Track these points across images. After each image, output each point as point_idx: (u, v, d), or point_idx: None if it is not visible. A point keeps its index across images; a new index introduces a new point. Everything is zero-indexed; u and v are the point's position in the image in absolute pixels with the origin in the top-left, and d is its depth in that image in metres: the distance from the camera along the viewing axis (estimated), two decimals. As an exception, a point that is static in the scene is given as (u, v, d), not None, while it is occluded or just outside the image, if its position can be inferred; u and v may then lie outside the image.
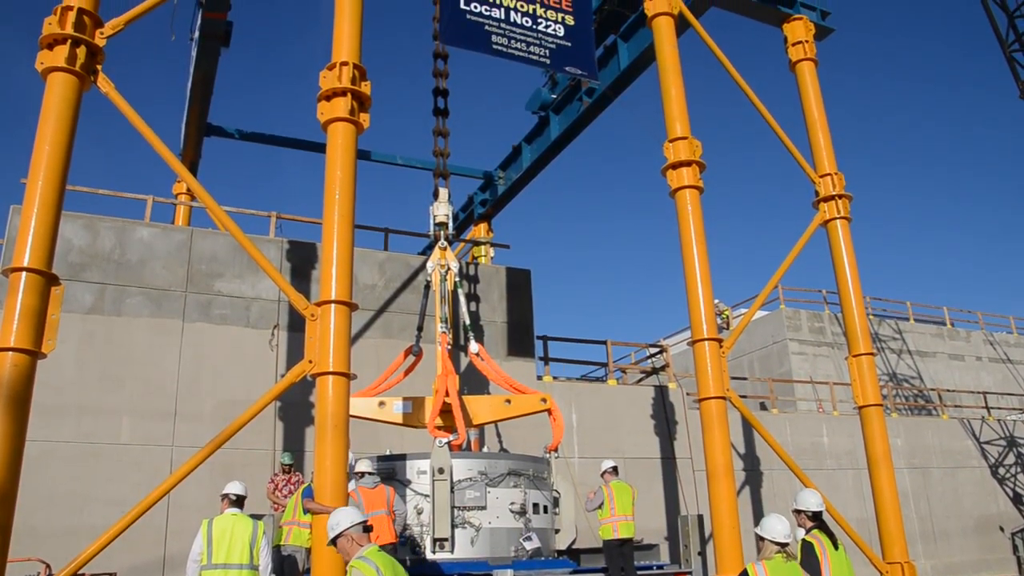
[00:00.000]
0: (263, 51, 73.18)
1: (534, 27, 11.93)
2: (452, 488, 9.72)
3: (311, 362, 7.68)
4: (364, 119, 8.46)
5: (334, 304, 7.74)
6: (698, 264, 10.65)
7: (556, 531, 10.75)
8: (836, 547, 6.08)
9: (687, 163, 10.99)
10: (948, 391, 24.53)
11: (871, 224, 74.02)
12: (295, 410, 12.78)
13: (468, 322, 12.25)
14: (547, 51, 11.98)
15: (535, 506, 10.33)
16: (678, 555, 12.34)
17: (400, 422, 11.15)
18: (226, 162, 70.00)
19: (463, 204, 20.31)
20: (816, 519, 6.26)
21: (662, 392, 16.51)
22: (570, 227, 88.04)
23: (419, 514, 9.73)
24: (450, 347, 11.78)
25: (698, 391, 10.41)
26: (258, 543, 7.43)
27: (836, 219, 12.48)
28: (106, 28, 8.02)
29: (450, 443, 10.07)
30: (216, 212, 8.45)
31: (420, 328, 12.21)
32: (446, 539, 9.47)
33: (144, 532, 10.72)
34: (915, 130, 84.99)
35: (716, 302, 18.30)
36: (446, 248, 12.29)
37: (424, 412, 11.01)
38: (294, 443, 12.60)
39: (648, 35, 12.74)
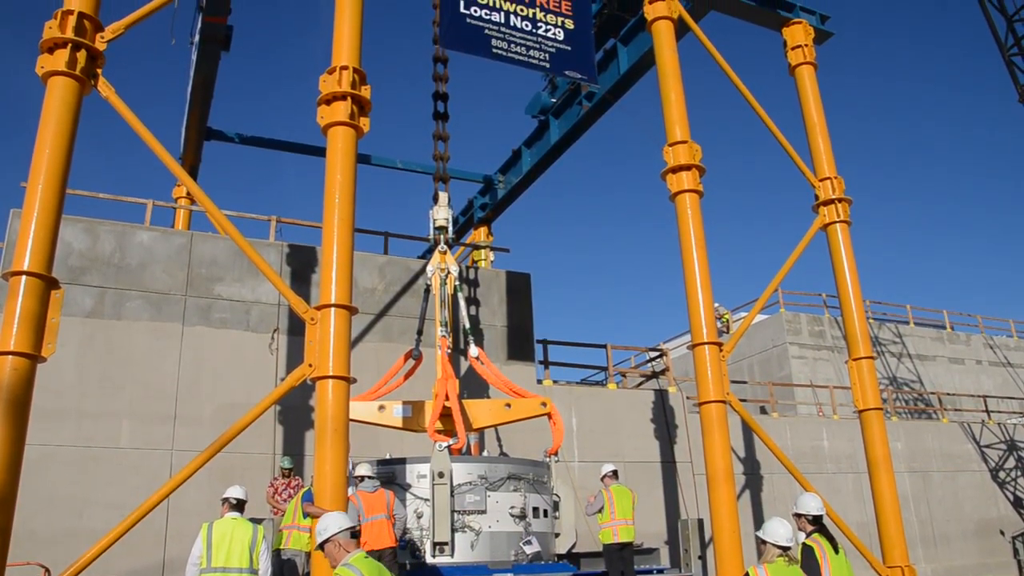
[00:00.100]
0: (263, 55, 73.33)
1: (534, 31, 11.95)
2: (452, 492, 9.71)
3: (311, 366, 7.68)
4: (364, 123, 8.47)
5: (334, 308, 7.74)
6: (698, 268, 10.66)
7: (556, 535, 10.74)
8: (836, 551, 6.08)
9: (687, 167, 11.00)
10: (948, 395, 24.52)
11: (871, 228, 74.02)
12: (295, 414, 12.77)
13: (468, 326, 12.26)
14: (547, 55, 11.99)
15: (535, 510, 10.32)
16: (678, 559, 12.34)
17: (400, 426, 11.14)
18: (226, 166, 70.18)
19: (463, 208, 20.33)
20: (816, 523, 6.26)
21: (662, 396, 16.51)
22: (570, 231, 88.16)
23: (419, 518, 9.72)
24: (450, 351, 11.78)
25: (698, 395, 10.41)
26: (258, 547, 7.44)
27: (836, 223, 12.48)
28: (106, 32, 8.03)
29: (450, 447, 10.06)
30: (216, 216, 8.45)
31: (420, 332, 12.21)
32: (446, 543, 9.46)
33: (144, 536, 10.71)
34: (915, 134, 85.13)
35: (716, 306, 18.24)
36: (446, 252, 12.29)
37: (424, 416, 11.00)
38: (294, 447, 12.60)
39: (648, 39, 12.76)
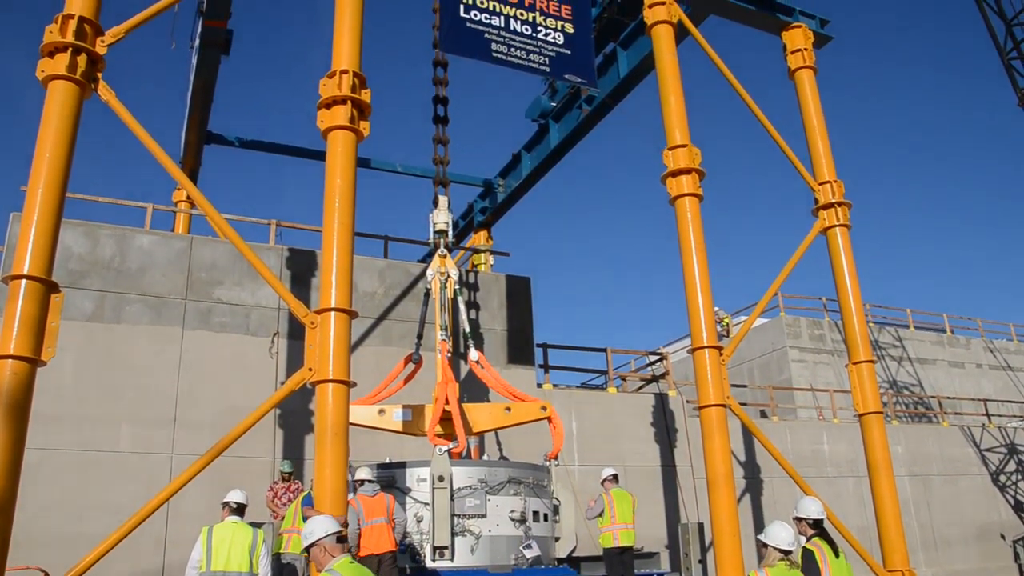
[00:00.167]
0: (263, 59, 73.32)
1: (534, 35, 11.97)
2: (452, 496, 9.71)
3: (311, 370, 7.67)
4: (364, 127, 8.47)
5: (334, 312, 7.73)
6: (698, 272, 10.65)
7: (556, 539, 10.73)
8: (837, 555, 6.08)
9: (687, 171, 11.00)
10: (948, 398, 24.50)
11: (871, 231, 74.07)
12: (295, 418, 12.76)
13: (468, 330, 12.26)
14: (547, 59, 12.01)
15: (535, 514, 10.31)
16: (678, 563, 12.32)
17: (400, 430, 11.14)
18: (226, 170, 70.13)
19: (463, 212, 20.34)
20: (817, 527, 6.26)
21: (662, 400, 16.50)
22: (570, 234, 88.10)
23: (419, 522, 9.72)
24: (450, 355, 11.78)
25: (698, 399, 10.39)
26: (258, 551, 7.44)
27: (836, 226, 12.48)
28: (107, 36, 8.04)
29: (450, 451, 10.05)
30: (216, 220, 8.45)
31: (420, 336, 12.21)
32: (446, 547, 9.45)
33: (143, 540, 10.71)
34: (915, 136, 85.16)
35: (716, 309, 18.28)
36: (446, 256, 12.30)
37: (424, 420, 11.00)
38: (294, 451, 12.58)
39: (647, 43, 12.78)
